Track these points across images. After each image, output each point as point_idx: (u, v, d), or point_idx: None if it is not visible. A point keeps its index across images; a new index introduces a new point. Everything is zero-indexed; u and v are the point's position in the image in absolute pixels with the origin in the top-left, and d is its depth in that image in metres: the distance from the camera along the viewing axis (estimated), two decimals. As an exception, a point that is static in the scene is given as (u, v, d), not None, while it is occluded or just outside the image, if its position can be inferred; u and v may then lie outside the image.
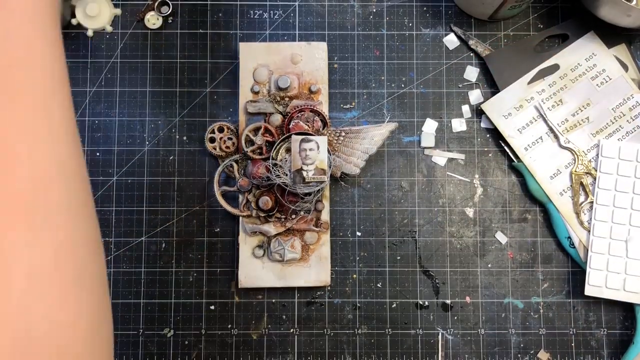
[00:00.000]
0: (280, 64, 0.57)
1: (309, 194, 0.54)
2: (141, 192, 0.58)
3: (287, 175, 0.53)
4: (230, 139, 0.57)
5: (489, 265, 0.58)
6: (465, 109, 0.59)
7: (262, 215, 0.55)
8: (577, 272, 0.57)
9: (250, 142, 0.56)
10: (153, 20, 0.59)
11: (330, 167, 0.53)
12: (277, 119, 0.56)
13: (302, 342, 0.57)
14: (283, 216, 0.55)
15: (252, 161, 0.55)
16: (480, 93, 0.59)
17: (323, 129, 0.56)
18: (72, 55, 0.59)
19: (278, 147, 0.55)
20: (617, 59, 0.58)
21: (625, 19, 0.53)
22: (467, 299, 0.57)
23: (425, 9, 0.60)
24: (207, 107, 0.59)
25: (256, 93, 0.57)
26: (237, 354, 0.57)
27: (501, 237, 0.58)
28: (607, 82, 0.58)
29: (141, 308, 0.57)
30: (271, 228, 0.55)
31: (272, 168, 0.53)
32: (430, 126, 0.59)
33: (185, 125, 0.59)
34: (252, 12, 0.60)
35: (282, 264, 0.56)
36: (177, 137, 0.59)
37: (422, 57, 0.59)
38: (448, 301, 0.57)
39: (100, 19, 0.59)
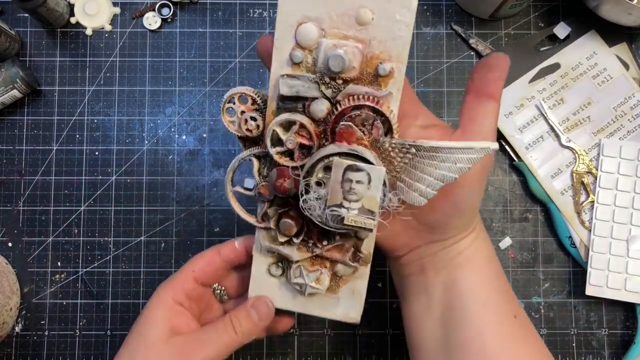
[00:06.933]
0: (339, 21, 0.37)
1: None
2: (140, 192, 0.58)
3: (319, 208, 0.39)
4: (254, 119, 0.40)
5: (490, 265, 0.58)
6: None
7: (283, 240, 0.42)
8: (578, 271, 0.57)
9: (279, 139, 0.39)
10: (152, 20, 0.59)
11: (382, 208, 0.38)
12: (321, 109, 0.38)
13: (302, 342, 0.57)
14: (311, 241, 0.42)
15: (277, 169, 0.40)
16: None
17: (386, 136, 0.38)
18: (71, 54, 0.59)
19: (315, 163, 0.38)
20: (618, 57, 0.58)
21: (626, 17, 0.53)
22: (468, 299, 0.57)
23: (425, 7, 0.60)
24: (207, 107, 0.59)
25: (297, 64, 0.38)
26: (237, 353, 0.57)
27: (506, 242, 0.57)
28: (608, 81, 0.57)
29: (141, 308, 0.57)
30: (294, 253, 0.42)
31: (302, 193, 0.39)
32: (430, 125, 0.58)
33: (184, 124, 0.59)
34: (252, 11, 0.60)
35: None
36: (177, 136, 0.59)
37: (422, 56, 0.59)
38: (449, 301, 0.57)
39: (99, 18, 0.58)
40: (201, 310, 0.45)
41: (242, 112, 0.40)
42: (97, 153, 0.58)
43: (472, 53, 0.59)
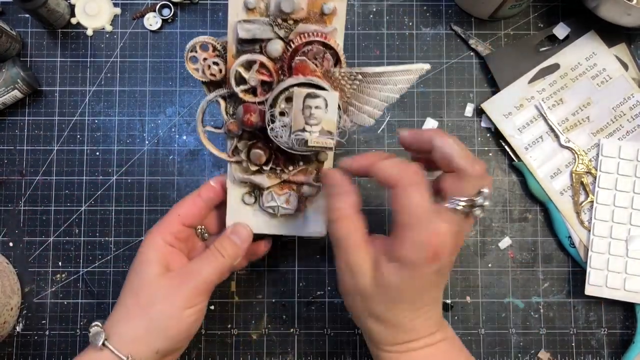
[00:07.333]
0: None
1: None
2: (141, 192, 0.58)
3: (285, 135, 0.43)
4: (216, 64, 0.45)
5: (490, 265, 0.58)
6: (469, 108, 0.59)
7: (254, 168, 0.48)
8: (577, 271, 0.57)
9: (242, 78, 0.44)
10: (152, 21, 0.59)
11: (339, 129, 0.44)
12: (277, 48, 0.43)
13: (302, 342, 0.57)
14: (279, 168, 0.48)
15: (243, 105, 0.45)
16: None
17: (335, 67, 0.44)
18: (72, 55, 0.59)
19: (276, 96, 0.43)
20: (618, 58, 0.58)
21: (625, 18, 0.53)
22: (468, 299, 0.57)
23: (425, 8, 0.60)
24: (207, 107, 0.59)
25: (251, 10, 0.43)
26: (237, 354, 0.57)
27: (505, 242, 0.58)
28: (607, 81, 0.57)
29: (141, 308, 0.57)
30: (264, 180, 0.48)
31: (269, 124, 0.43)
32: (430, 126, 0.59)
33: (185, 124, 0.59)
34: (252, 11, 0.60)
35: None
36: (177, 136, 0.59)
37: (422, 57, 0.59)
38: (448, 301, 0.57)
39: (100, 18, 0.59)
40: (189, 250, 0.50)
41: (205, 59, 0.45)
42: (97, 153, 0.58)
43: (471, 53, 0.59)
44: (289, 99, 0.43)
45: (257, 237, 0.50)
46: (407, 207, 0.38)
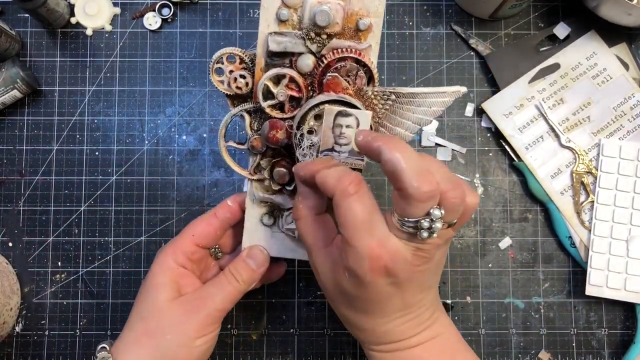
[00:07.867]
0: None
1: None
2: (140, 192, 0.58)
3: (312, 154, 0.42)
4: (243, 77, 0.43)
5: (490, 265, 0.58)
6: (469, 108, 0.59)
7: (276, 187, 0.46)
8: (577, 271, 0.57)
9: (269, 92, 0.42)
10: (152, 21, 0.59)
11: None
12: (308, 63, 0.41)
13: (302, 342, 0.57)
14: None
15: (269, 121, 0.43)
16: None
17: (368, 85, 0.42)
18: (71, 55, 0.59)
19: (306, 113, 0.41)
20: (618, 58, 0.58)
21: (626, 17, 0.53)
22: (468, 299, 0.57)
23: (425, 7, 0.60)
24: (207, 107, 0.59)
25: (283, 22, 0.41)
26: (237, 354, 0.57)
27: (506, 242, 0.58)
28: (607, 81, 0.57)
29: (140, 308, 0.57)
30: (286, 201, 0.46)
31: (296, 142, 0.42)
32: (430, 125, 0.59)
33: (184, 124, 0.59)
34: (252, 11, 0.60)
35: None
36: (177, 136, 0.59)
37: (422, 56, 0.59)
38: (449, 301, 0.57)
39: (100, 18, 0.58)
40: (201, 271, 0.49)
41: (231, 72, 0.43)
42: (97, 153, 0.58)
43: (472, 53, 0.59)
44: (318, 117, 0.41)
45: (272, 259, 0.48)
46: (346, 217, 0.36)
